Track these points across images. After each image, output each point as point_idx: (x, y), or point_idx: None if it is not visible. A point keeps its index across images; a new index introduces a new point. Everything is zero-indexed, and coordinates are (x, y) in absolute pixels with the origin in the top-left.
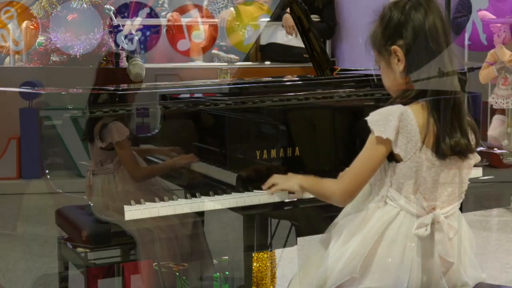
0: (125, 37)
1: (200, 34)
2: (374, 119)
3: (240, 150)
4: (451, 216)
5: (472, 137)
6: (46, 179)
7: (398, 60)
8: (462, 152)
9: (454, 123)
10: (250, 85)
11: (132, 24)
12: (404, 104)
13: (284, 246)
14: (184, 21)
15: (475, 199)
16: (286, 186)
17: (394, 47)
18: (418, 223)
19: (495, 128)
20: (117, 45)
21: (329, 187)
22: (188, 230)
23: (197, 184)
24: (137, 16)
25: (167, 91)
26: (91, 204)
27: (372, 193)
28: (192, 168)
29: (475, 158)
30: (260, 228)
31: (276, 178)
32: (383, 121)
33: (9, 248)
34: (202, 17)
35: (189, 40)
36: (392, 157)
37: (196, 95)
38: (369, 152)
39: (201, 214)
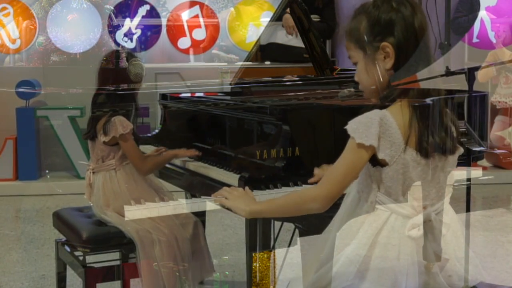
0: (125, 35)
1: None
2: (353, 127)
3: (242, 151)
4: (442, 212)
5: (452, 130)
6: (43, 181)
7: (386, 57)
8: (445, 149)
9: (435, 119)
10: (252, 85)
11: (132, 23)
12: (382, 107)
13: (289, 246)
14: (185, 18)
15: (476, 200)
16: (233, 206)
17: (384, 43)
18: (410, 224)
19: (497, 130)
20: (117, 44)
21: (308, 194)
22: (188, 232)
23: (198, 185)
24: (137, 13)
25: (168, 90)
26: (91, 203)
27: (361, 200)
28: (193, 169)
29: (459, 150)
30: (263, 230)
31: (227, 192)
32: (363, 128)
33: (5, 251)
34: (203, 15)
35: (190, 38)
36: (377, 162)
37: (198, 95)
38: (351, 158)
39: (202, 216)
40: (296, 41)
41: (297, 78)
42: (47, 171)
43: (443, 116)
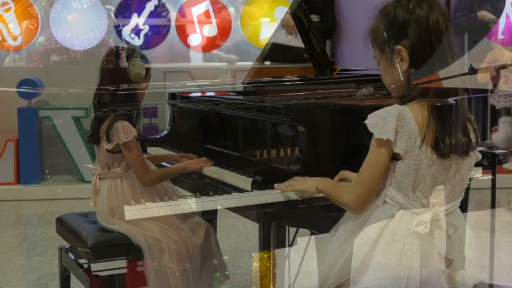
0: (132, 31)
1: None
2: (372, 122)
3: (254, 153)
4: (451, 214)
5: (472, 135)
6: (46, 184)
7: (402, 60)
8: (462, 151)
9: (454, 121)
10: (266, 85)
11: (139, 19)
12: (403, 103)
13: (304, 253)
14: (195, 14)
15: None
16: (302, 187)
17: (398, 46)
18: (417, 221)
19: (505, 132)
20: (123, 41)
21: (343, 197)
22: (199, 239)
23: (209, 189)
24: (144, 8)
25: (176, 90)
26: (96, 211)
27: None
28: (203, 173)
29: (476, 156)
30: (277, 236)
31: (293, 180)
32: (381, 123)
33: (6, 259)
34: (214, 10)
35: (200, 34)
36: (392, 156)
37: (208, 94)
38: (373, 157)
39: (213, 221)
40: (296, 41)
41: (297, 78)
42: (47, 171)
43: (463, 117)
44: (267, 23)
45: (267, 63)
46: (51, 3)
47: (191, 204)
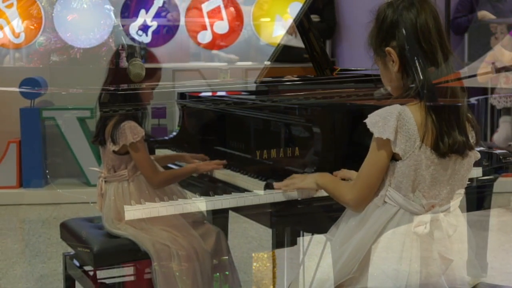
0: (140, 28)
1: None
2: (372, 121)
3: (267, 156)
4: (451, 214)
5: (472, 134)
6: (50, 188)
7: (393, 61)
8: (460, 150)
9: (452, 120)
10: (280, 84)
11: (147, 15)
12: (403, 103)
13: (319, 260)
14: (205, 10)
15: (476, 199)
16: (302, 184)
17: (387, 48)
18: (417, 221)
19: (505, 132)
20: (131, 39)
21: (342, 195)
22: (209, 245)
23: (220, 193)
24: (153, 4)
25: (186, 89)
26: (102, 216)
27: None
28: (215, 176)
29: (475, 155)
30: (291, 243)
31: (292, 178)
32: (382, 122)
33: (9, 266)
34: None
35: (211, 32)
36: (391, 156)
37: (219, 94)
38: (373, 156)
39: (224, 226)
40: (296, 41)
41: (298, 78)
42: (47, 172)
43: (460, 119)
44: (269, 23)
45: (267, 63)
46: (51, 3)
47: (192, 204)
